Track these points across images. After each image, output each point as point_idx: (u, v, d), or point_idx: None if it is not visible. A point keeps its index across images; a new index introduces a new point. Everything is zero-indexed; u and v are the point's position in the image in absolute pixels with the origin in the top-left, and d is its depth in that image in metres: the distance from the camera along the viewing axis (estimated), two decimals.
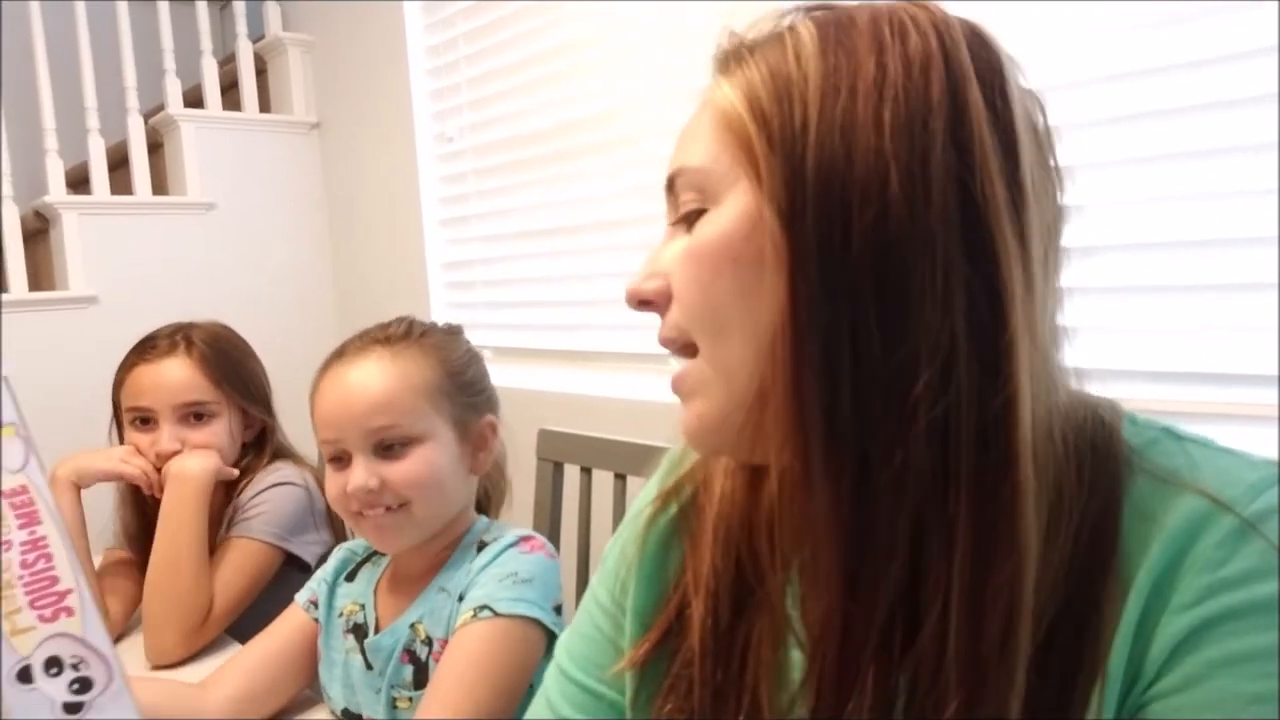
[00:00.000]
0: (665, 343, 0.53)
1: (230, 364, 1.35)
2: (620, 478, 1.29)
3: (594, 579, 0.68)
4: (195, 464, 1.28)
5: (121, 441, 1.35)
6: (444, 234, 2.57)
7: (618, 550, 0.66)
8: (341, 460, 0.95)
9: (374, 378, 0.95)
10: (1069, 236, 0.52)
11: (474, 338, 1.09)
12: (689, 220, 0.51)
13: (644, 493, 0.67)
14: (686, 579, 0.58)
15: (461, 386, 1.00)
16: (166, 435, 1.29)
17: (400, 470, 0.93)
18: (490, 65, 2.32)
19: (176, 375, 1.31)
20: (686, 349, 0.52)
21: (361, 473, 0.93)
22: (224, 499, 1.32)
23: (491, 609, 0.90)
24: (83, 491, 1.31)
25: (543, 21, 2.15)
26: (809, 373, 0.45)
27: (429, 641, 0.96)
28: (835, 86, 0.45)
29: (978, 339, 0.44)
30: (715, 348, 0.50)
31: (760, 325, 0.47)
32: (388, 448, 0.94)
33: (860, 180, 0.44)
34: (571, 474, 1.38)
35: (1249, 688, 0.42)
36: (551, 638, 0.91)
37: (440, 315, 2.56)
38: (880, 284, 0.44)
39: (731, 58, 0.50)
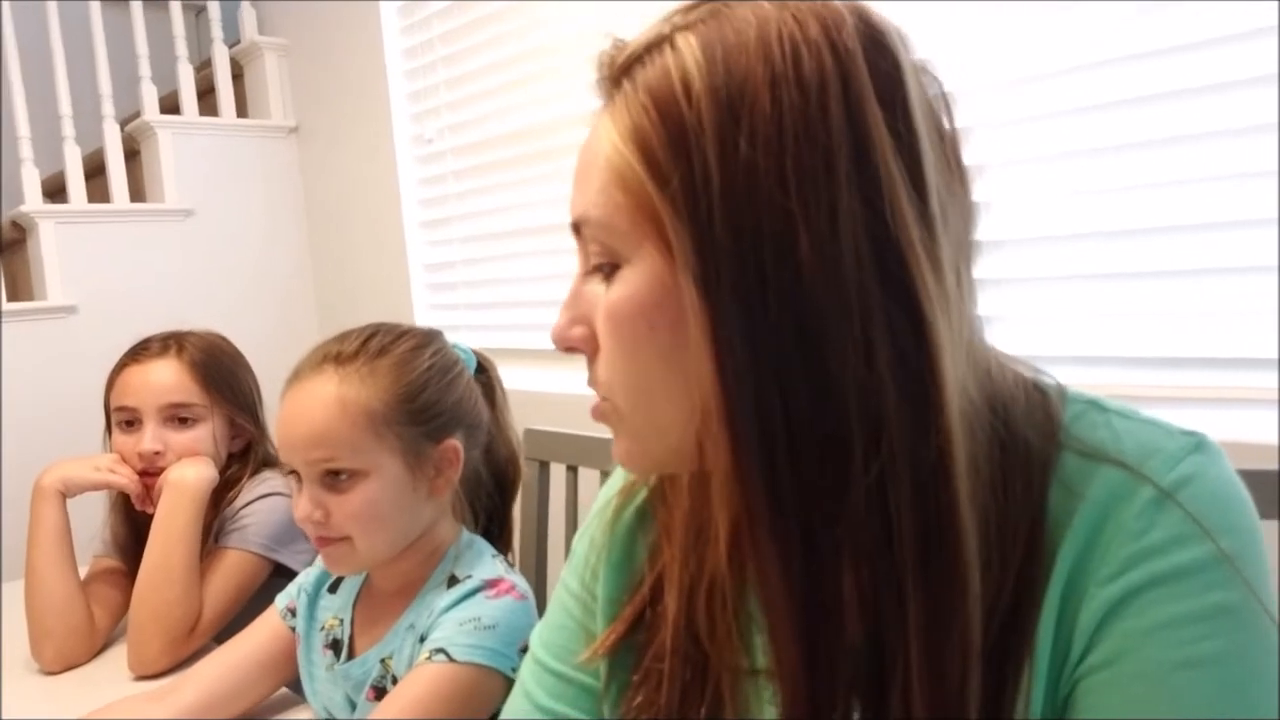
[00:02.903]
0: (594, 387, 0.53)
1: (220, 370, 1.35)
2: (607, 475, 1.29)
3: (565, 570, 0.69)
4: (192, 473, 1.27)
5: (110, 444, 1.34)
6: (424, 235, 2.57)
7: (587, 540, 0.67)
8: (300, 479, 0.94)
9: (314, 407, 0.92)
10: (1049, 224, 0.53)
11: (456, 339, 1.07)
12: (602, 270, 0.50)
13: (610, 483, 0.68)
14: (660, 569, 0.58)
15: (413, 414, 0.94)
16: (149, 435, 1.29)
17: (341, 505, 0.92)
18: (468, 67, 2.32)
19: (163, 376, 1.30)
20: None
21: (306, 503, 0.92)
22: (211, 510, 1.32)
23: (447, 654, 0.88)
24: (72, 499, 1.30)
25: (520, 23, 2.14)
26: (746, 450, 0.44)
27: (395, 679, 0.95)
28: (734, 137, 0.43)
29: (907, 392, 0.43)
30: (644, 410, 0.50)
31: (688, 387, 0.46)
32: (334, 474, 0.92)
33: (770, 239, 0.42)
34: (558, 472, 1.38)
35: (1175, 654, 0.43)
36: (511, 685, 0.91)
37: (422, 317, 2.56)
38: (803, 345, 0.43)
39: (614, 82, 0.49)
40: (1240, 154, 1.15)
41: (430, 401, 0.96)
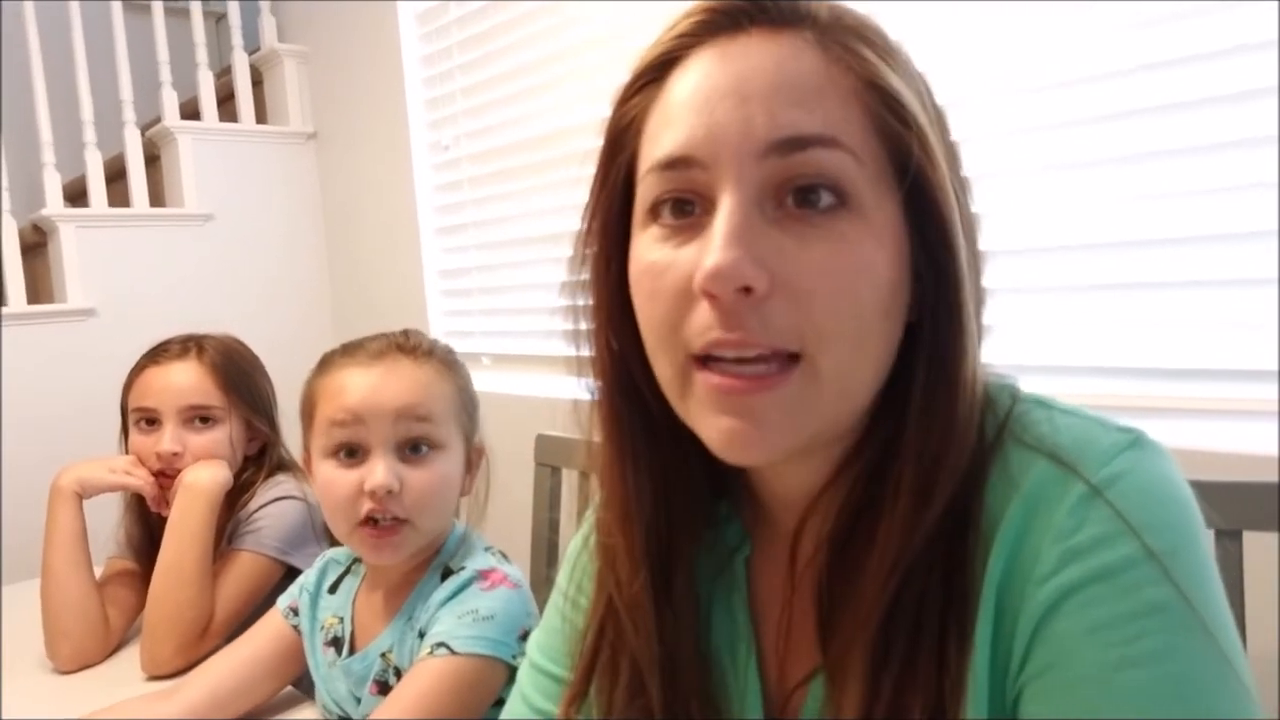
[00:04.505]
0: (764, 344, 0.46)
1: (239, 373, 1.37)
2: None
3: (559, 574, 0.68)
4: (207, 475, 1.28)
5: (126, 445, 1.35)
6: (440, 242, 2.58)
7: (580, 542, 0.66)
8: (355, 455, 0.93)
9: (411, 377, 0.95)
10: (1049, 235, 0.57)
11: (471, 345, 1.09)
12: (807, 198, 0.46)
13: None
14: (610, 601, 0.58)
15: (470, 405, 1.02)
16: (169, 436, 1.29)
17: (417, 478, 0.93)
18: (485, 73, 2.33)
19: (184, 378, 1.32)
20: (771, 359, 0.46)
21: (385, 472, 0.91)
22: (225, 512, 1.33)
23: (449, 647, 0.89)
24: (89, 500, 1.31)
25: (537, 29, 2.16)
26: (969, 356, 0.49)
27: (398, 673, 0.96)
28: (931, 96, 0.51)
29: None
30: (848, 367, 0.47)
31: (889, 347, 0.49)
32: (413, 448, 0.94)
33: (966, 211, 0.51)
34: (570, 479, 1.38)
35: (1112, 654, 0.42)
36: (513, 672, 0.91)
37: (436, 322, 2.57)
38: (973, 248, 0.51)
39: (779, 18, 0.48)
40: (1240, 166, 1.15)
41: (476, 404, 1.04)
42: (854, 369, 0.47)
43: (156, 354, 1.35)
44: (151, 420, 1.32)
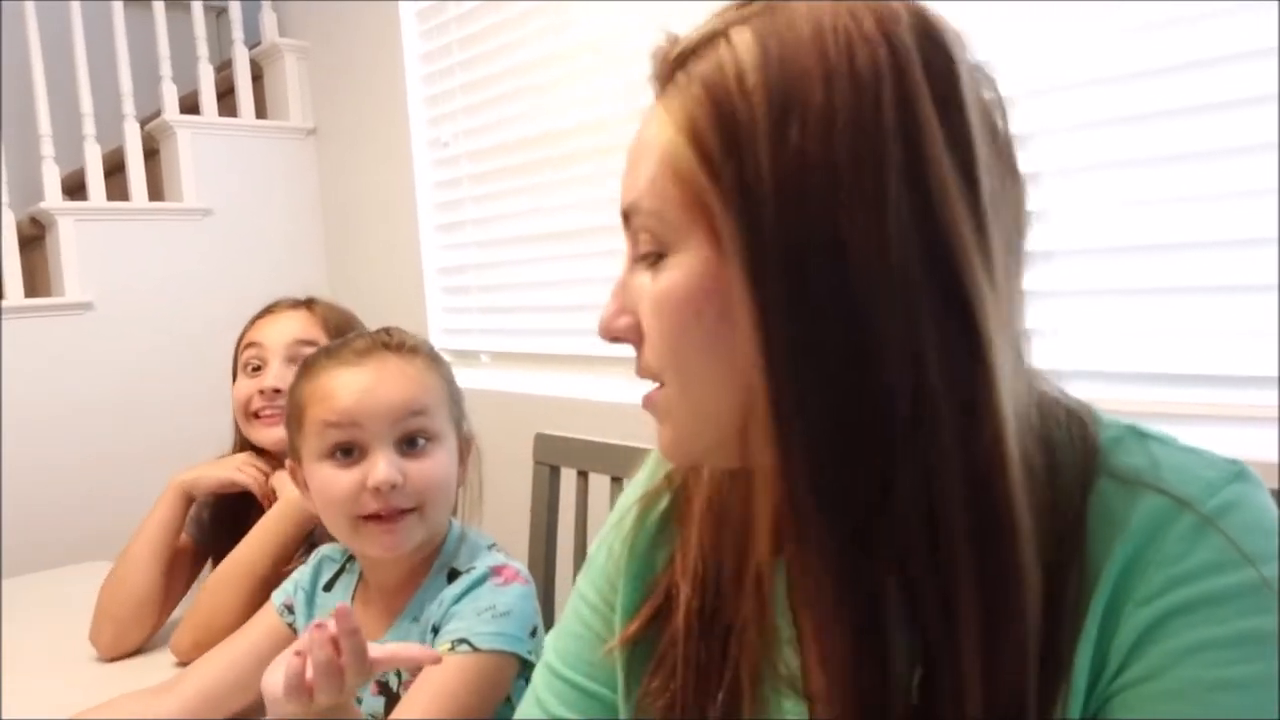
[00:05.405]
0: (643, 375, 0.54)
1: (346, 328, 1.40)
2: (617, 481, 1.30)
3: (581, 578, 0.68)
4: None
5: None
6: (439, 239, 2.58)
7: (605, 550, 0.66)
8: (352, 454, 0.94)
9: (402, 373, 0.96)
10: (1051, 240, 0.54)
11: (470, 342, 1.09)
12: (648, 259, 0.51)
13: (629, 491, 0.67)
14: (675, 562, 0.59)
15: (456, 396, 1.03)
16: (274, 374, 1.31)
17: (419, 470, 0.94)
18: (485, 71, 2.33)
19: (294, 320, 1.38)
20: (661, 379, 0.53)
21: (387, 466, 0.92)
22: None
23: (470, 643, 0.90)
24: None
25: (537, 27, 2.15)
26: (793, 444, 0.45)
27: (399, 673, 0.96)
28: (785, 130, 0.43)
29: (956, 386, 0.44)
30: (687, 389, 0.51)
31: (735, 376, 0.47)
32: (410, 442, 0.94)
33: (819, 235, 0.43)
34: (568, 477, 1.38)
35: (1210, 675, 0.43)
36: (526, 666, 0.92)
37: (435, 319, 2.57)
38: (852, 338, 0.43)
39: (667, 75, 0.49)
40: (1243, 172, 1.15)
41: (461, 394, 1.04)
42: (700, 394, 0.50)
43: (269, 308, 1.42)
44: (259, 364, 1.34)
